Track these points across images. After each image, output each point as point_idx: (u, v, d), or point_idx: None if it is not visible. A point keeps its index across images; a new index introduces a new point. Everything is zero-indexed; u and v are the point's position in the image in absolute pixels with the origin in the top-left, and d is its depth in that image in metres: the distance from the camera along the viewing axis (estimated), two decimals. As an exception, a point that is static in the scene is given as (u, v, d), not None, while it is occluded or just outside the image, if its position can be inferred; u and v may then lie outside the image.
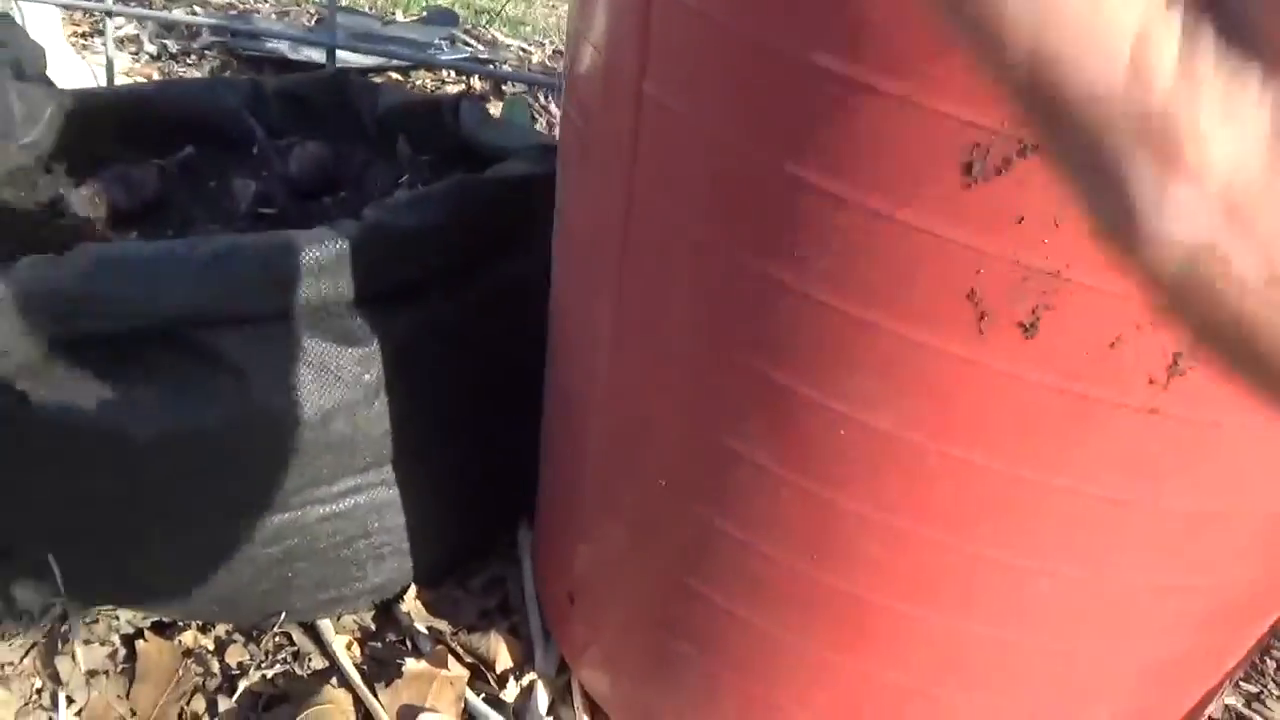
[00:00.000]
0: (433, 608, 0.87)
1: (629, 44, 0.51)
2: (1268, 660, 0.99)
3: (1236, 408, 0.46)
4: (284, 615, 0.83)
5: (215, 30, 1.86)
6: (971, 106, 0.41)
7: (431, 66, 1.89)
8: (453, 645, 0.84)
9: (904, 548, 0.52)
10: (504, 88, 1.94)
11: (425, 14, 2.19)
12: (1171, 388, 0.45)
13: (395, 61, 1.84)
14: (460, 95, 0.99)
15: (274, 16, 2.04)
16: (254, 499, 0.74)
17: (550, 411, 0.74)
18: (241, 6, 2.10)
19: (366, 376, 0.72)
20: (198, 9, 1.98)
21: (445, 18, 2.11)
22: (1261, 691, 0.95)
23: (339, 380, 0.71)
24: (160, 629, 0.83)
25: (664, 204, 0.52)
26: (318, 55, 1.78)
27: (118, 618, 0.83)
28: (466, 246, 0.77)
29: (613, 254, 0.56)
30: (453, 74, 1.95)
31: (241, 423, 0.69)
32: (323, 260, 0.68)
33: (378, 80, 1.71)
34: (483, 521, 0.93)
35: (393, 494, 0.78)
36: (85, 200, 0.87)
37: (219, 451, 0.70)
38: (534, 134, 0.96)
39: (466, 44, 2.09)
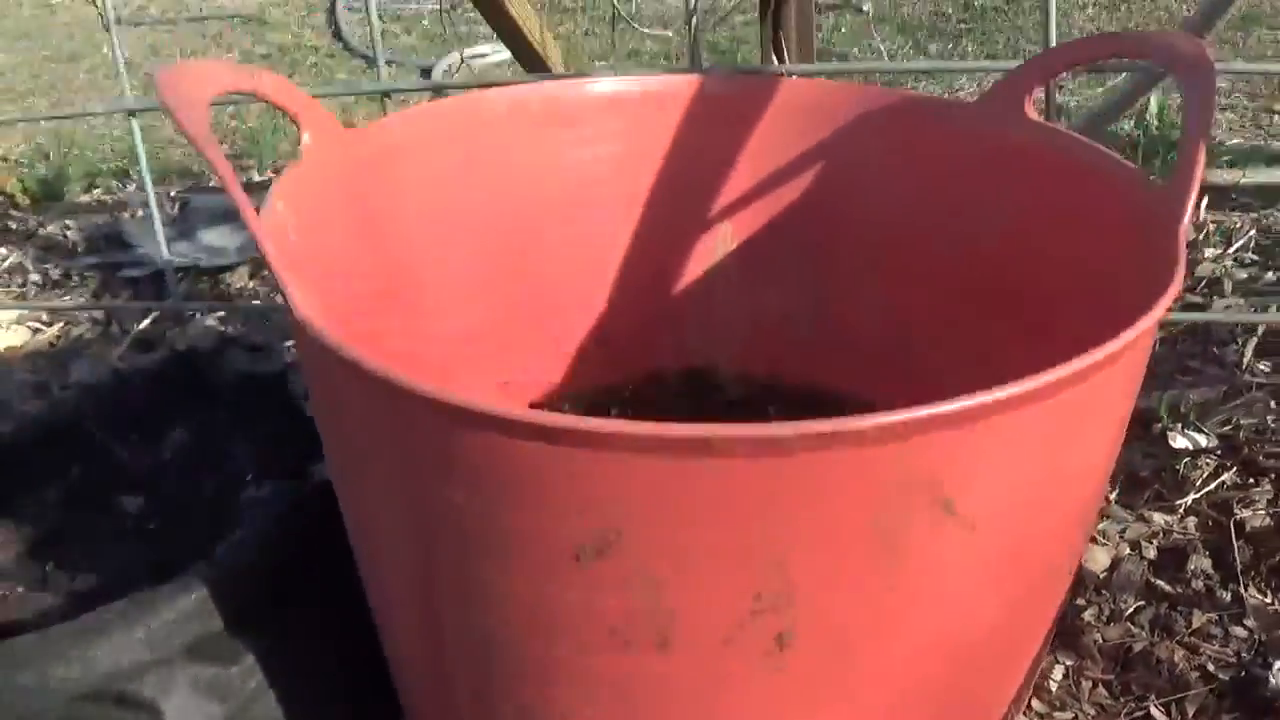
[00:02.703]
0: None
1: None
2: None
3: (849, 655, 0.64)
4: None
5: (91, 249, 2.01)
6: (568, 519, 0.59)
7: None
8: None
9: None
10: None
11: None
12: (786, 653, 0.63)
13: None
14: (289, 365, 1.15)
15: (140, 213, 2.16)
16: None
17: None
18: (109, 217, 2.21)
19: (252, 683, 0.88)
20: (69, 222, 2.13)
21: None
22: None
23: (229, 692, 0.87)
24: None
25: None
26: (180, 254, 1.92)
27: None
28: (309, 558, 0.93)
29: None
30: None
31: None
32: (188, 609, 0.85)
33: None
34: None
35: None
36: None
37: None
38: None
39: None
